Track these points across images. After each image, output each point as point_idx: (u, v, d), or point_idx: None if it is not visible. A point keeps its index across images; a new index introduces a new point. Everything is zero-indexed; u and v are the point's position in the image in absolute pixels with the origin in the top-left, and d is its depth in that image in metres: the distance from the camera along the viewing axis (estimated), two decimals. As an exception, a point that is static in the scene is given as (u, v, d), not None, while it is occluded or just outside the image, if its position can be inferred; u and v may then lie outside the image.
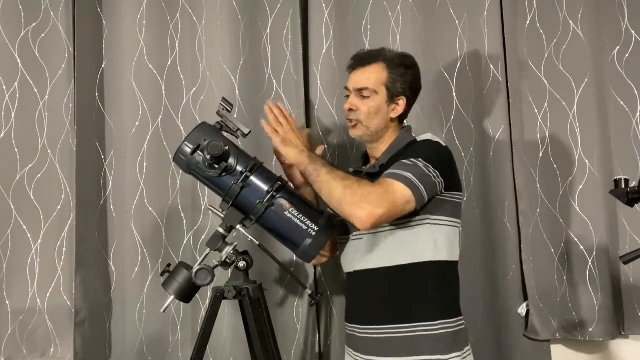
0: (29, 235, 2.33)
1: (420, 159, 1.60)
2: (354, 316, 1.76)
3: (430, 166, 1.59)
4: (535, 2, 2.26)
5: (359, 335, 1.71)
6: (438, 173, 1.60)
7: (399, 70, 1.73)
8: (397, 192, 1.54)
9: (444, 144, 1.71)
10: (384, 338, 1.63)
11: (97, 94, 2.34)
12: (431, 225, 1.65)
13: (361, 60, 1.77)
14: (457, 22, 2.29)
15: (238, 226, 1.74)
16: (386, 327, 1.63)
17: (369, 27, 2.30)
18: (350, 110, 1.75)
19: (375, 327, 1.66)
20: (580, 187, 2.21)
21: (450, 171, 1.68)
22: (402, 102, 1.74)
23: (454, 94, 2.30)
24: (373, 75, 1.73)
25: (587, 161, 2.21)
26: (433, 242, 1.65)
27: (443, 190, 1.64)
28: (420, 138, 1.74)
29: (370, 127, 1.74)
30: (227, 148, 1.68)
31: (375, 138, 1.77)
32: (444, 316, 1.64)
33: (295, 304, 2.27)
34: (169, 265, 1.80)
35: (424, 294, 1.64)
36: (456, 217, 1.72)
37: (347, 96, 1.78)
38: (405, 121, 1.85)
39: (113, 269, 2.32)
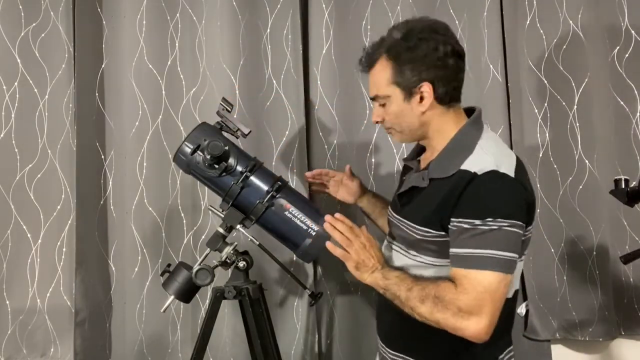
0: (29, 235, 2.33)
1: (491, 218, 1.28)
2: (378, 331, 1.60)
3: (508, 221, 1.29)
4: (535, 2, 2.26)
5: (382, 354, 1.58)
6: (519, 222, 1.31)
7: (404, 55, 1.40)
8: (489, 287, 1.27)
9: (511, 175, 1.34)
10: None
11: (97, 94, 2.34)
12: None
13: (365, 61, 1.49)
14: (457, 22, 2.29)
15: (238, 226, 1.74)
16: (389, 351, 1.53)
17: (368, 27, 2.30)
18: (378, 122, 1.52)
19: (384, 346, 1.56)
20: (580, 187, 2.20)
21: (522, 211, 1.34)
22: (426, 89, 1.40)
23: (454, 94, 2.30)
24: (378, 77, 1.45)
25: (587, 161, 2.20)
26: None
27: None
28: (479, 169, 1.34)
29: (404, 131, 1.47)
30: (227, 148, 1.68)
31: (419, 136, 1.49)
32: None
33: (295, 304, 2.27)
34: (169, 265, 1.80)
35: (420, 330, 1.37)
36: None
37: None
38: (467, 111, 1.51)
39: (113, 268, 2.32)
